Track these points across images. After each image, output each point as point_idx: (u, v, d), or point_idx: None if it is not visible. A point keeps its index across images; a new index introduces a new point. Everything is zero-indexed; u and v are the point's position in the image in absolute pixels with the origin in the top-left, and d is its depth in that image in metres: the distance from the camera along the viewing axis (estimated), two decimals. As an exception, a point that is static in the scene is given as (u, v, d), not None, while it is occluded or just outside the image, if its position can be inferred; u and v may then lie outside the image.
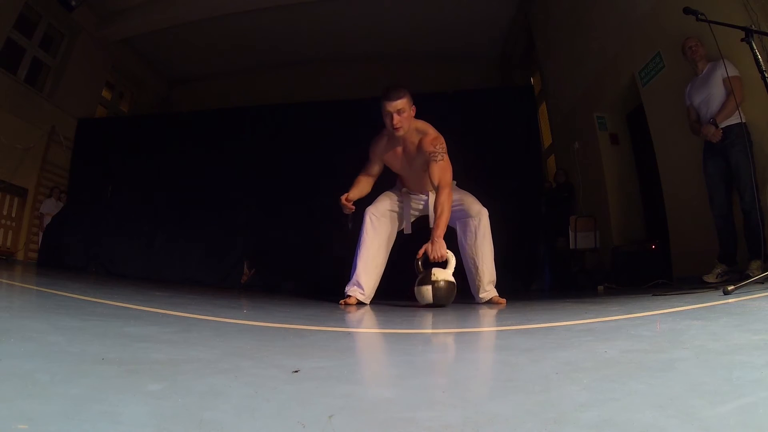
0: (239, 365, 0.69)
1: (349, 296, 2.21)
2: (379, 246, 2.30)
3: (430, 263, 2.01)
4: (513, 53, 7.41)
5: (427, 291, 1.93)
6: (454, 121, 2.54)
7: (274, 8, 6.50)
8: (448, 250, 2.02)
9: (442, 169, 2.15)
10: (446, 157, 2.20)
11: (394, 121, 2.14)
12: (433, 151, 2.16)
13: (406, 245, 2.41)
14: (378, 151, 2.39)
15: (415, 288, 2.00)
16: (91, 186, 5.47)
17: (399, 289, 2.47)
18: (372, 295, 2.28)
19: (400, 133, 2.19)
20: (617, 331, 1.07)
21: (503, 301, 2.27)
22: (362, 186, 2.40)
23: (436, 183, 2.13)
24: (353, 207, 2.30)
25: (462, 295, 2.36)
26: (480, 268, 2.28)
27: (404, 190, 2.48)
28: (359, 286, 2.22)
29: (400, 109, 2.13)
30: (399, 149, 2.32)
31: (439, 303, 1.95)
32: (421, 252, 2.04)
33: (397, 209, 2.43)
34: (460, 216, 2.34)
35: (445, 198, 2.08)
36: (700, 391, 0.53)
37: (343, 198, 2.27)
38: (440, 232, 2.01)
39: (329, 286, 3.70)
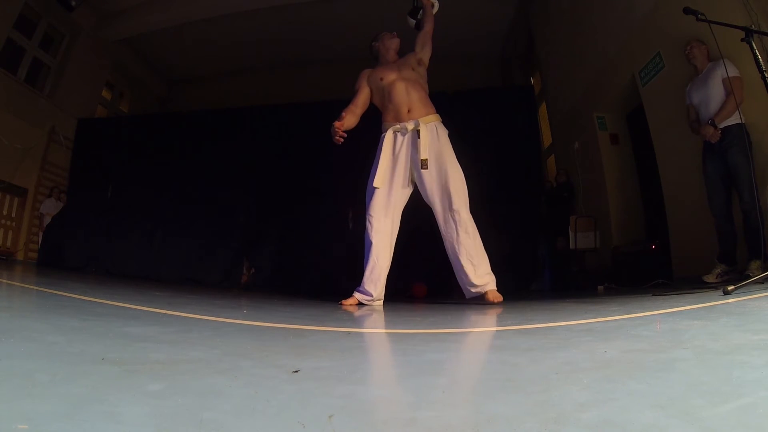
0: (239, 365, 0.69)
1: (352, 296, 2.22)
2: (383, 248, 2.29)
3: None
4: (513, 53, 7.41)
5: None
6: (454, 121, 2.55)
7: (274, 8, 6.50)
8: None
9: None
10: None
11: (394, 41, 2.73)
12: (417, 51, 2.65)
13: (407, 245, 2.41)
14: (365, 74, 2.64)
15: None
16: (91, 186, 5.47)
17: (399, 288, 2.46)
18: (381, 296, 2.27)
19: (396, 44, 2.76)
20: (617, 331, 1.07)
21: (499, 297, 2.11)
22: (349, 119, 2.43)
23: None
24: (344, 134, 2.30)
25: (459, 294, 2.35)
26: (466, 260, 2.17)
27: (388, 131, 2.41)
28: (365, 293, 2.23)
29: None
30: (388, 65, 2.63)
31: None
32: None
33: (389, 185, 2.34)
34: (444, 205, 2.25)
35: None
36: (700, 391, 0.53)
37: (336, 123, 2.29)
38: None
39: (329, 286, 3.71)
